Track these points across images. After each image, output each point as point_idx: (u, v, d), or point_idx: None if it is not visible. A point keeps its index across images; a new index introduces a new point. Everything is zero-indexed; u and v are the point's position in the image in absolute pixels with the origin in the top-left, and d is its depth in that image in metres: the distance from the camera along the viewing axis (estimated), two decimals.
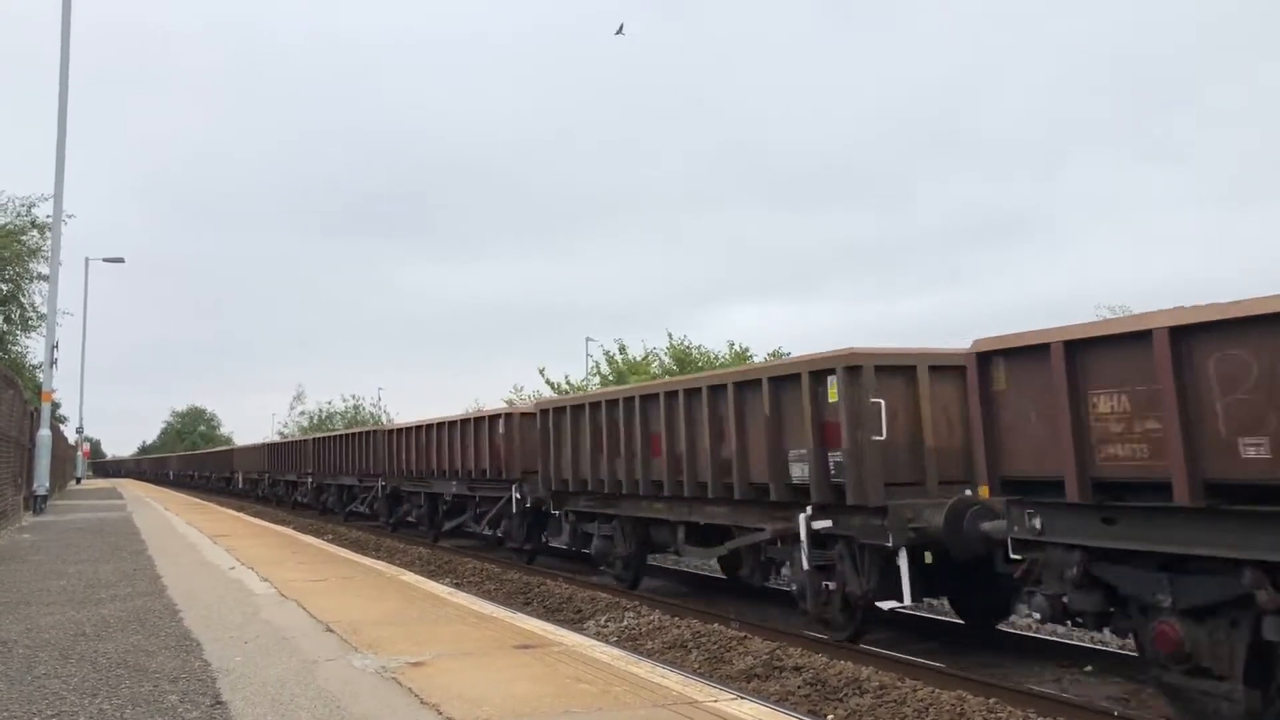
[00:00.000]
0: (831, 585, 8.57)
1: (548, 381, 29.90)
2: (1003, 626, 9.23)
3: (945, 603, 9.71)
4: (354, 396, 55.99)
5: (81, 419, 50.12)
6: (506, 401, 31.47)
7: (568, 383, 30.08)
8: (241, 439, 79.91)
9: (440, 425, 18.37)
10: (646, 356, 28.80)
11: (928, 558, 7.96)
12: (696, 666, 8.08)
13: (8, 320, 29.95)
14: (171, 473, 68.81)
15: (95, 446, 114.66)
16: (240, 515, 23.73)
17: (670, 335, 29.67)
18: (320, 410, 57.22)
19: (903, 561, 7.87)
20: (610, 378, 28.68)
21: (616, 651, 6.13)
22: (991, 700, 6.44)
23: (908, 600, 7.86)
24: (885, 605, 8.13)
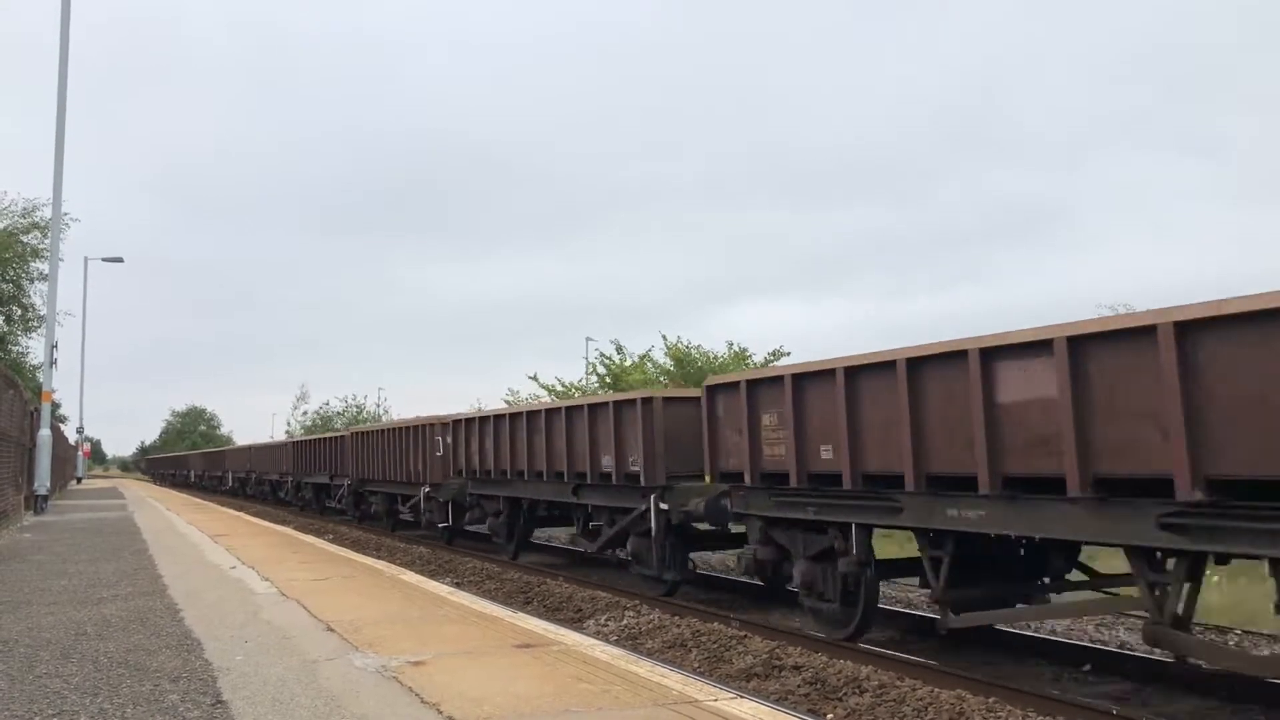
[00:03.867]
0: None
1: (542, 385, 29.90)
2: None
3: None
4: (354, 396, 55.87)
5: (82, 419, 50.26)
6: (505, 402, 31.41)
7: (561, 384, 30.06)
8: (242, 439, 79.58)
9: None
10: (643, 358, 28.77)
11: None
12: (696, 665, 8.10)
13: (9, 320, 30.01)
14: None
15: (96, 446, 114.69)
16: (241, 515, 23.74)
17: (664, 336, 29.80)
18: (321, 410, 57.10)
19: None
20: (608, 380, 28.67)
21: (616, 651, 6.14)
22: (991, 699, 6.46)
23: None
24: None
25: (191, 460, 65.91)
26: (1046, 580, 8.19)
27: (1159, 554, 6.23)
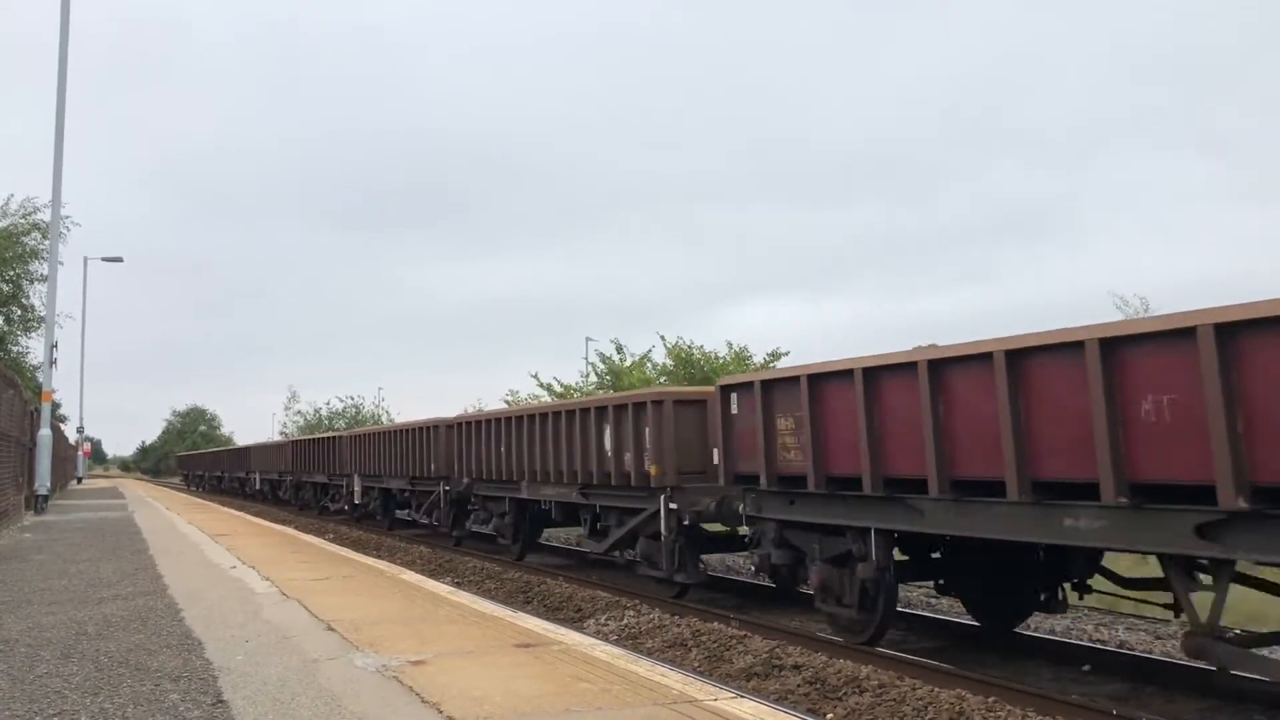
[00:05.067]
0: None
1: (541, 384, 29.86)
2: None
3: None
4: (352, 397, 55.79)
5: (82, 418, 50.29)
6: (505, 403, 31.36)
7: (560, 385, 30.03)
8: (242, 439, 79.19)
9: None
10: (643, 358, 28.76)
11: None
12: (696, 665, 8.10)
13: (8, 321, 30.04)
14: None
15: (96, 446, 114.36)
16: (241, 515, 23.76)
17: (663, 337, 29.83)
18: (317, 410, 57.01)
19: None
20: (607, 379, 28.65)
21: (617, 650, 6.15)
22: (990, 699, 6.46)
23: None
24: None
25: (255, 456, 39.48)
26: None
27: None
